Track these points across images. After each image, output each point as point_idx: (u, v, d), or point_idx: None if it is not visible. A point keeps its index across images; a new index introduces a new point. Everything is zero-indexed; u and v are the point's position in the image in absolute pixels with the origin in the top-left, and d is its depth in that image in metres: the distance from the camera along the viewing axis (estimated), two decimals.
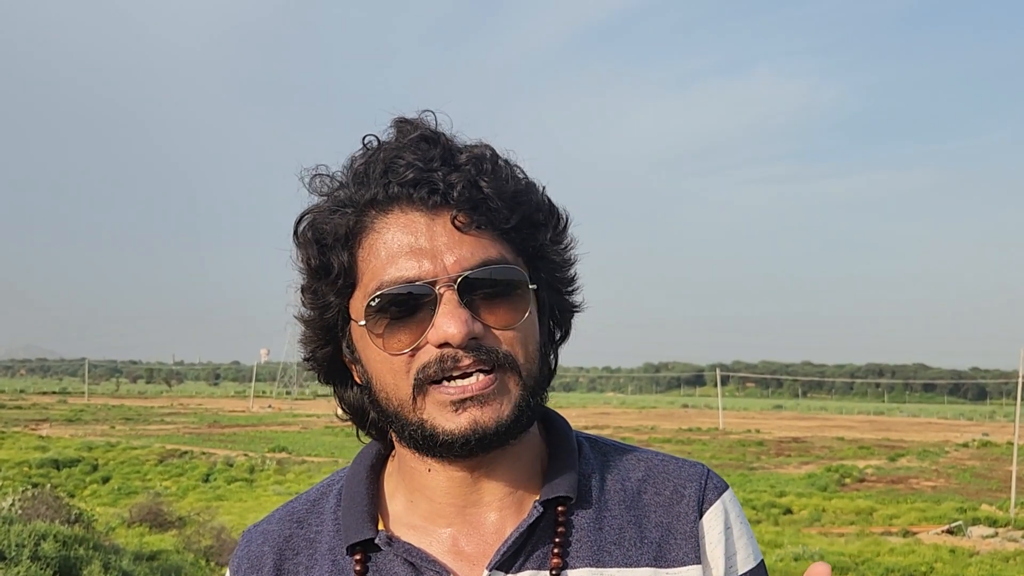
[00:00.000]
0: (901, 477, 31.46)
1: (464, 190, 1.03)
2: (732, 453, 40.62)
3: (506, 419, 1.03)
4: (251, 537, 1.19)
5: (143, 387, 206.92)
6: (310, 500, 1.20)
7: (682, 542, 1.11)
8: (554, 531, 1.09)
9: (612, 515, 1.11)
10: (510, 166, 1.09)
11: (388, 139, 1.08)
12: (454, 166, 1.04)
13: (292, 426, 56.29)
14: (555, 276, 1.13)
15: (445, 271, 1.02)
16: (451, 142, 1.07)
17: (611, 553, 1.09)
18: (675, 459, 1.19)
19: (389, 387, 1.06)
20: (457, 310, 1.01)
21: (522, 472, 1.12)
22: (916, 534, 19.04)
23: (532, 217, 1.08)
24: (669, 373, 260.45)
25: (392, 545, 1.08)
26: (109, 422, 55.98)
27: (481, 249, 1.03)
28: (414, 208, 1.04)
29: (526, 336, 1.06)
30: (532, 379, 1.07)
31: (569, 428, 1.19)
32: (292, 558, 1.15)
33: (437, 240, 1.03)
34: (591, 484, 1.13)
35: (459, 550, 1.09)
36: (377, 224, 1.05)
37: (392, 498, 1.16)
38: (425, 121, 1.09)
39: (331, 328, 1.11)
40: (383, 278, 1.03)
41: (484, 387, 1.02)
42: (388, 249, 1.04)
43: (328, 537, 1.14)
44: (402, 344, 1.03)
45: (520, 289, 1.05)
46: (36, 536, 8.51)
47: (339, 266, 1.06)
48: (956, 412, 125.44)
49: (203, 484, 26.71)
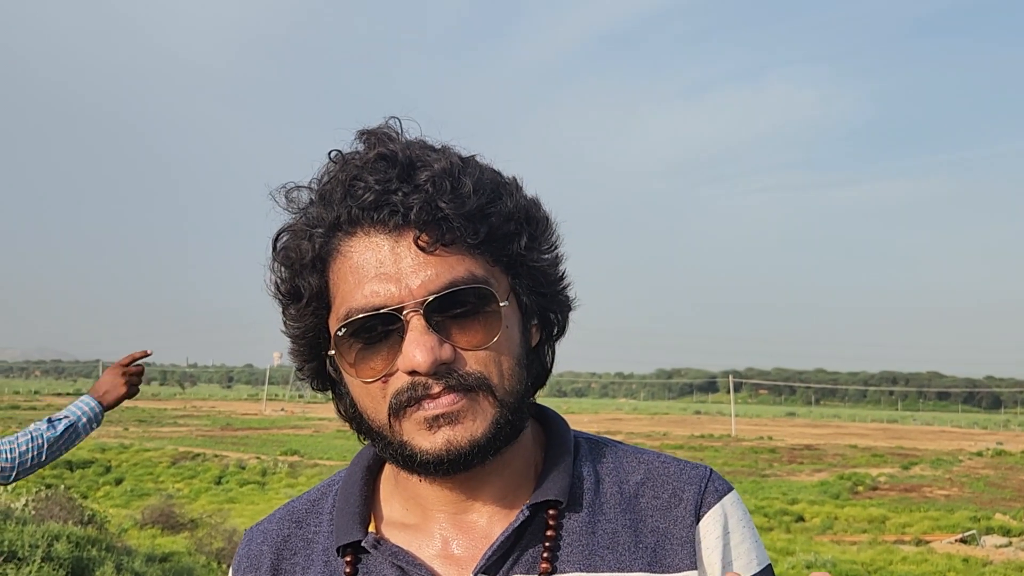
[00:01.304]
0: (914, 485, 31.29)
1: (422, 211, 0.99)
2: (744, 460, 40.49)
3: (480, 437, 1.01)
4: (252, 536, 1.20)
5: (156, 389, 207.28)
6: (310, 500, 1.20)
7: (678, 547, 1.09)
8: (544, 535, 1.07)
9: (606, 519, 1.09)
10: (479, 173, 1.04)
11: (352, 153, 1.05)
12: (414, 185, 1.00)
13: (304, 429, 56.36)
14: (537, 280, 1.09)
15: (411, 295, 0.99)
16: (413, 157, 1.03)
17: (603, 557, 1.06)
18: (678, 461, 1.16)
19: (369, 410, 1.05)
20: (423, 337, 0.99)
21: (514, 476, 1.10)
22: (929, 543, 18.94)
23: (502, 228, 1.04)
24: (682, 379, 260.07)
25: (380, 548, 1.08)
26: (122, 424, 56.16)
27: (447, 269, 1.00)
28: (376, 230, 1.01)
29: (500, 354, 1.03)
30: (510, 395, 1.04)
31: (567, 429, 1.17)
32: (289, 558, 1.15)
33: (402, 263, 1.00)
34: (585, 486, 1.11)
35: (449, 553, 1.08)
36: (343, 247, 1.03)
37: (387, 501, 1.15)
38: (388, 133, 1.06)
39: (314, 346, 1.10)
40: (351, 305, 1.01)
41: (451, 404, 1.00)
42: (355, 274, 1.02)
43: (324, 538, 1.14)
44: (374, 372, 1.02)
45: (491, 306, 1.02)
46: (49, 537, 8.53)
47: (308, 291, 1.05)
48: (970, 421, 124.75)
49: (215, 486, 26.79)
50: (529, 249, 1.06)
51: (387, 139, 1.05)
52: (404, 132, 1.07)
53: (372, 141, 1.05)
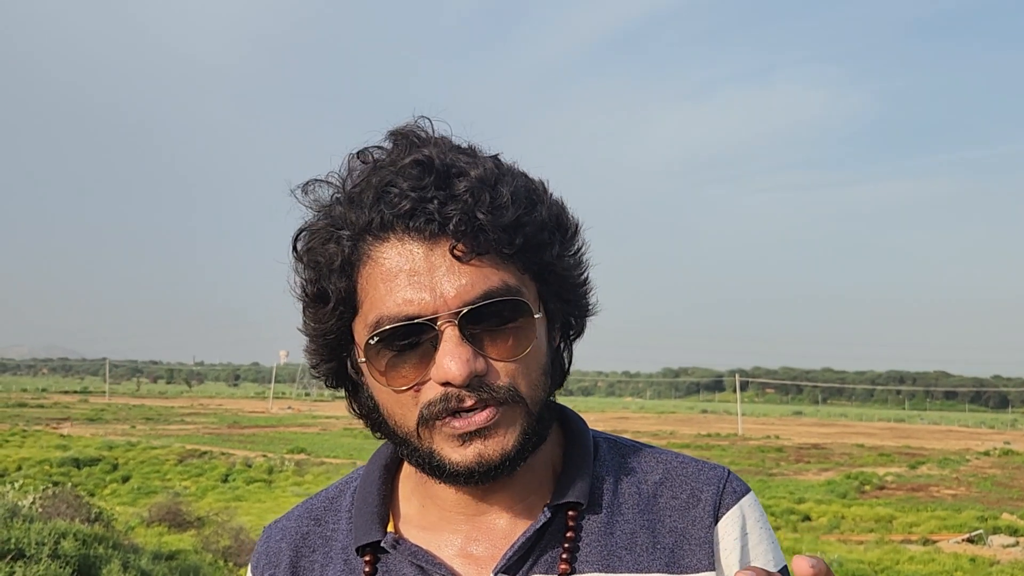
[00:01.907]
0: (921, 485, 31.19)
1: (461, 222, 0.98)
2: (751, 459, 40.42)
3: (511, 450, 1.01)
4: (270, 533, 1.20)
5: (163, 387, 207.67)
6: (328, 498, 1.20)
7: (696, 548, 1.09)
8: (563, 535, 1.07)
9: (625, 519, 1.10)
10: (514, 180, 1.03)
11: (382, 154, 1.04)
12: (450, 194, 0.99)
13: (311, 427, 56.38)
14: (565, 286, 1.09)
15: (446, 305, 0.98)
16: (448, 162, 1.01)
17: (622, 558, 1.07)
18: (696, 461, 1.16)
19: (397, 417, 1.04)
20: (458, 348, 0.98)
21: (534, 479, 1.11)
22: (936, 542, 18.88)
23: (535, 238, 1.03)
24: (688, 378, 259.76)
25: (399, 547, 1.08)
26: (130, 422, 56.21)
27: (482, 279, 0.99)
28: (411, 237, 0.99)
29: (530, 365, 1.03)
30: (537, 405, 1.04)
31: (586, 429, 1.17)
32: (308, 555, 1.15)
33: (436, 272, 0.99)
34: (604, 487, 1.12)
35: (468, 553, 1.08)
36: (374, 252, 1.01)
37: (407, 500, 1.15)
38: (420, 134, 1.04)
39: (334, 348, 1.08)
40: (383, 312, 1.00)
41: (488, 419, 1.00)
42: (386, 282, 1.00)
43: (343, 536, 1.14)
44: (405, 381, 1.01)
45: (524, 317, 1.02)
46: (56, 534, 8.55)
47: (336, 295, 1.03)
48: (977, 420, 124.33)
49: (222, 484, 26.78)
50: (560, 257, 1.06)
51: (419, 142, 1.03)
52: (435, 133, 1.05)
53: (404, 144, 1.03)
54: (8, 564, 7.67)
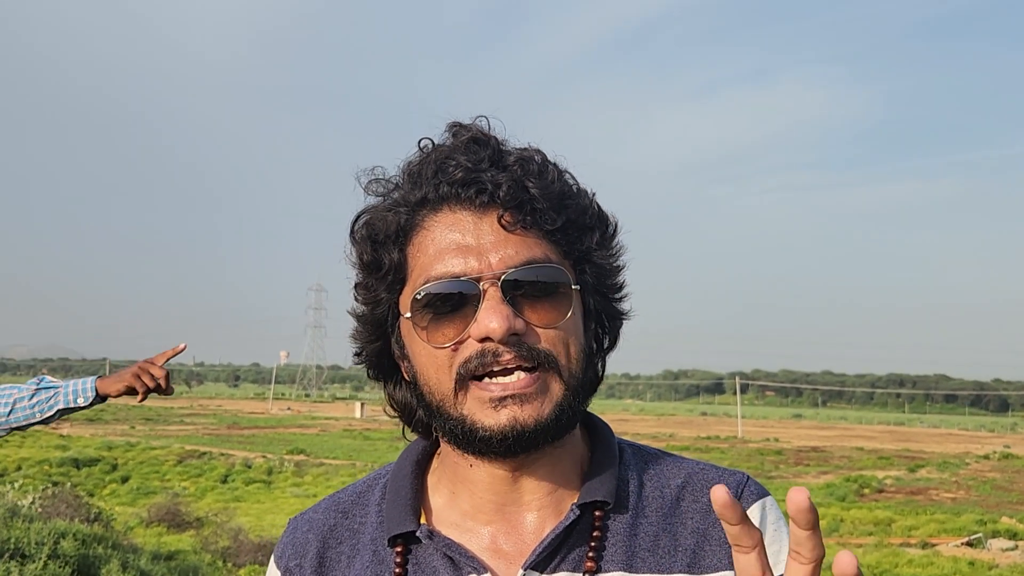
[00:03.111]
0: (921, 488, 31.23)
1: (510, 190, 1.05)
2: (751, 462, 40.45)
3: (546, 418, 1.04)
4: (297, 525, 1.22)
5: None
6: (356, 492, 1.23)
7: (716, 548, 1.11)
8: (590, 535, 1.10)
9: (648, 521, 1.13)
10: (559, 170, 1.11)
11: (442, 142, 1.11)
12: (502, 167, 1.07)
13: (311, 428, 56.45)
14: (601, 280, 1.13)
15: (490, 268, 1.04)
16: (501, 145, 1.10)
17: (644, 559, 1.10)
18: (716, 468, 1.19)
19: (432, 381, 1.08)
20: (499, 306, 1.02)
21: (563, 474, 1.13)
22: (935, 546, 18.90)
23: (578, 220, 1.10)
24: (688, 380, 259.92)
25: (433, 539, 1.11)
26: (129, 422, 56.26)
27: (526, 248, 1.05)
28: (463, 207, 1.07)
29: (568, 337, 1.07)
30: (575, 380, 1.08)
31: (611, 433, 1.21)
32: (335, 547, 1.18)
33: (483, 238, 1.05)
34: (629, 489, 1.15)
35: (498, 548, 1.11)
36: (427, 222, 1.08)
37: (435, 493, 1.18)
38: (478, 125, 1.11)
39: (381, 323, 1.13)
40: (430, 274, 1.05)
41: (526, 386, 1.03)
42: (436, 246, 1.06)
43: (371, 528, 1.17)
44: (446, 337, 1.05)
45: (563, 289, 1.07)
46: (55, 534, 8.56)
47: (390, 262, 1.09)
48: (977, 423, 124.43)
49: (221, 485, 26.83)
50: (599, 247, 1.12)
51: (477, 129, 1.11)
52: (491, 129, 1.12)
53: (462, 131, 1.11)
54: (7, 564, 7.68)
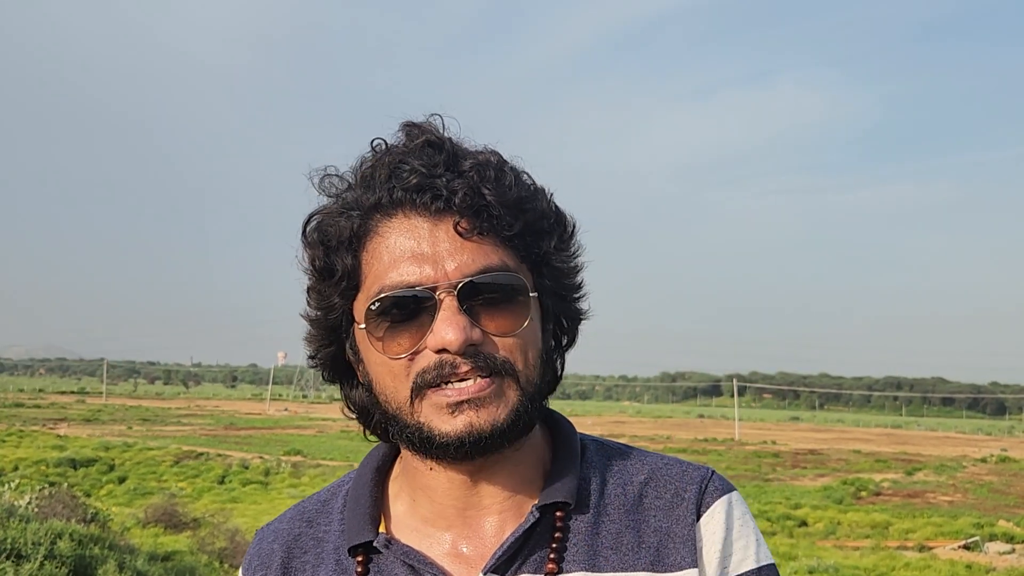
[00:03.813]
0: (918, 491, 31.21)
1: (466, 196, 1.03)
2: (748, 464, 40.42)
3: (502, 423, 1.03)
4: (263, 535, 1.22)
5: (160, 388, 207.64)
6: (320, 500, 1.23)
7: (680, 546, 1.11)
8: (551, 536, 1.09)
9: (611, 520, 1.12)
10: (516, 172, 1.09)
11: (396, 143, 1.09)
12: (458, 172, 1.05)
13: (308, 429, 56.36)
14: (560, 283, 1.12)
15: (446, 277, 1.02)
16: (456, 147, 1.07)
17: (607, 558, 1.09)
18: (680, 462, 1.18)
19: (388, 390, 1.07)
20: (456, 316, 1.01)
21: (523, 476, 1.13)
22: (932, 549, 18.89)
23: (536, 224, 1.08)
24: (686, 383, 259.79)
25: (391, 547, 1.10)
26: (126, 422, 56.18)
27: (483, 255, 1.04)
28: (417, 213, 1.04)
29: (526, 343, 1.06)
30: (531, 385, 1.07)
31: (573, 431, 1.20)
32: (300, 556, 1.17)
33: (439, 245, 1.03)
34: (591, 488, 1.14)
35: (458, 553, 1.10)
36: (381, 228, 1.06)
37: (396, 500, 1.17)
38: (433, 126, 1.09)
39: (335, 328, 1.12)
40: (384, 282, 1.04)
41: (481, 390, 1.02)
42: (391, 253, 1.04)
43: (335, 537, 1.16)
44: (401, 348, 1.04)
45: (521, 296, 1.06)
46: (52, 535, 8.54)
47: (343, 268, 1.07)
48: (974, 427, 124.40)
49: (218, 486, 26.78)
50: (557, 250, 1.11)
51: (432, 131, 1.08)
52: (446, 129, 1.10)
53: (417, 132, 1.08)
54: (4, 564, 7.66)
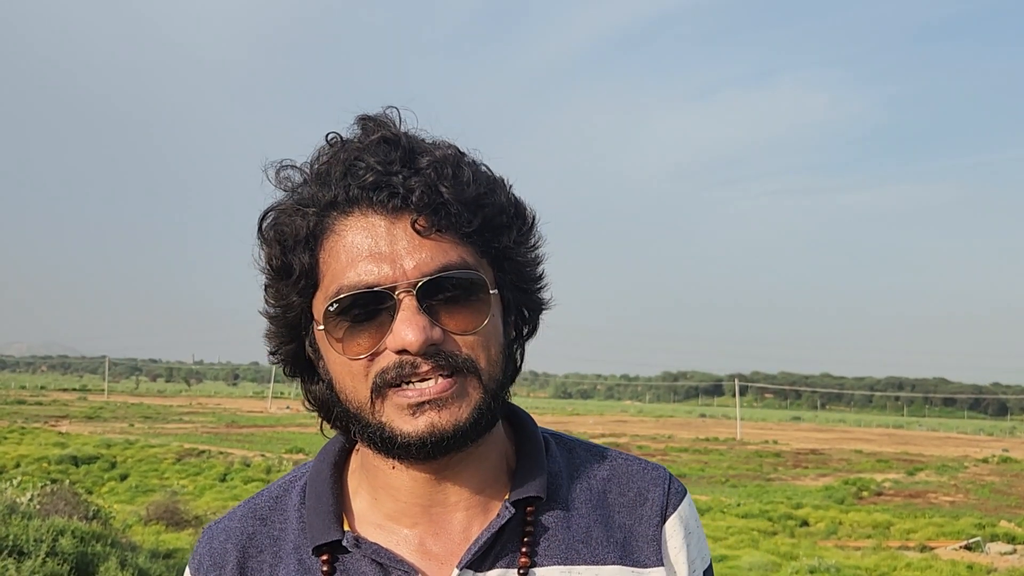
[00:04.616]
0: (919, 491, 31.20)
1: (423, 195, 1.01)
2: (749, 464, 40.40)
3: (464, 422, 1.03)
4: (213, 534, 1.18)
5: (162, 386, 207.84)
6: (272, 497, 1.20)
7: (644, 545, 1.14)
8: (523, 530, 1.10)
9: (580, 514, 1.14)
10: (474, 166, 1.08)
11: (352, 136, 1.07)
12: (414, 169, 1.03)
13: (310, 427, 56.30)
14: (521, 275, 1.12)
15: (405, 276, 1.01)
16: (413, 143, 1.06)
17: (579, 551, 1.11)
18: (637, 460, 1.21)
19: (348, 390, 1.06)
20: (415, 316, 1.00)
21: (488, 472, 1.13)
22: (933, 549, 18.89)
23: (495, 220, 1.07)
24: (687, 382, 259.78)
25: (360, 547, 1.09)
26: (128, 420, 56.21)
27: (441, 253, 1.02)
28: (374, 211, 1.03)
29: (487, 340, 1.05)
30: (493, 382, 1.06)
31: (535, 425, 1.20)
32: (256, 556, 1.14)
33: (397, 244, 1.02)
34: (559, 483, 1.15)
35: (426, 550, 1.09)
36: (338, 226, 1.04)
37: (356, 495, 1.16)
38: (389, 119, 1.08)
39: (294, 326, 1.10)
40: (342, 282, 1.02)
41: (442, 391, 1.02)
42: (348, 253, 1.03)
43: (293, 536, 1.14)
44: (361, 349, 1.03)
45: (481, 293, 1.05)
46: (54, 532, 8.55)
47: (300, 267, 1.06)
48: (976, 427, 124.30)
49: (220, 484, 26.77)
50: (517, 244, 1.10)
51: (387, 125, 1.07)
52: (402, 122, 1.09)
53: (372, 126, 1.07)
54: (5, 561, 7.67)
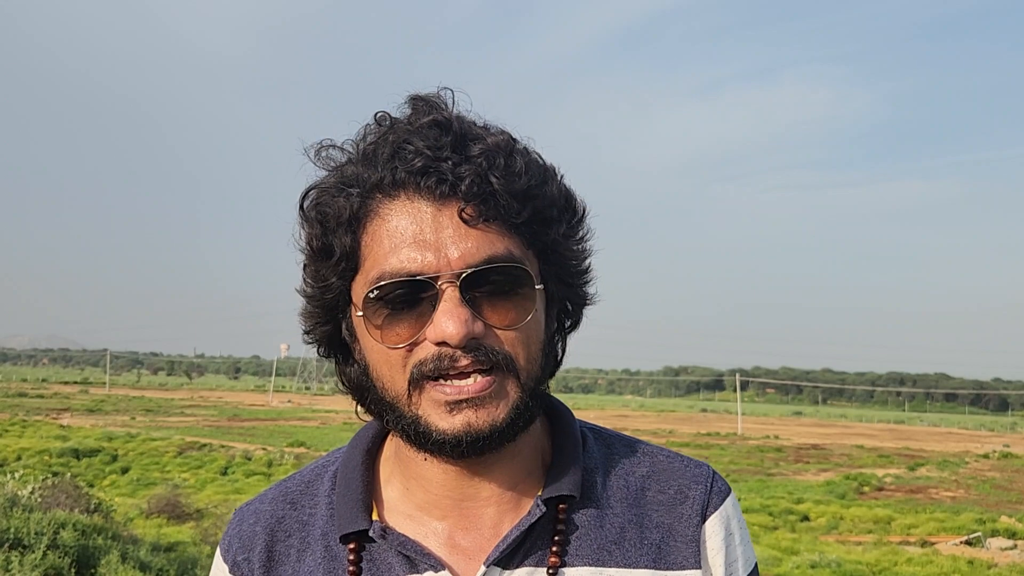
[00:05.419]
0: (920, 487, 31.21)
1: (473, 183, 0.98)
2: (750, 459, 40.42)
3: (501, 422, 1.00)
4: (243, 516, 1.17)
5: (164, 379, 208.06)
6: (304, 481, 1.18)
7: (683, 545, 1.09)
8: (554, 529, 1.07)
9: (614, 513, 1.10)
10: (527, 154, 1.04)
11: (401, 116, 1.04)
12: (465, 156, 0.99)
13: (311, 421, 56.44)
14: (567, 269, 1.08)
15: (448, 266, 0.98)
16: (465, 128, 1.02)
17: (611, 552, 1.07)
18: (681, 457, 1.17)
19: (385, 379, 1.03)
20: (457, 308, 0.97)
21: (522, 467, 1.10)
22: (934, 544, 18.88)
23: (544, 212, 1.03)
24: (689, 377, 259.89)
25: (387, 537, 1.06)
26: (129, 413, 56.27)
27: (488, 244, 0.99)
28: (421, 196, 0.99)
29: (528, 336, 1.02)
30: (532, 381, 1.03)
31: (573, 419, 1.17)
32: (284, 540, 1.13)
33: (442, 232, 0.98)
34: (595, 480, 1.11)
35: (455, 544, 1.07)
36: (382, 209, 1.01)
37: (387, 484, 1.13)
38: (441, 101, 1.04)
39: (332, 308, 1.07)
40: (384, 268, 0.99)
41: (481, 390, 0.99)
42: (392, 238, 0.99)
43: (322, 522, 1.12)
44: (400, 338, 1.00)
45: (526, 288, 1.01)
46: (55, 525, 8.55)
47: (341, 249, 1.02)
48: (977, 423, 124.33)
49: (221, 477, 26.81)
50: (565, 237, 1.06)
51: (439, 107, 1.04)
52: (455, 104, 1.05)
53: (424, 107, 1.03)
54: (7, 553, 7.67)
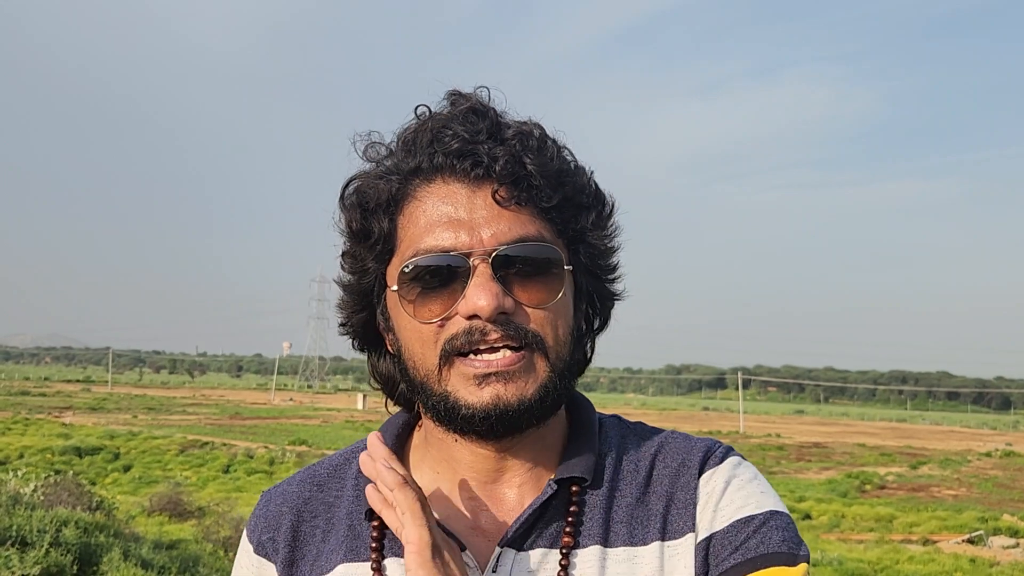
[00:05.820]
0: (922, 485, 31.21)
1: (507, 165, 1.03)
2: (752, 457, 40.37)
3: (529, 398, 1.03)
4: (270, 498, 1.21)
5: (166, 377, 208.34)
6: (332, 465, 1.21)
7: (681, 510, 1.10)
8: (567, 510, 1.09)
9: (623, 495, 1.12)
10: (558, 146, 1.09)
11: (440, 110, 1.09)
12: (500, 140, 1.05)
13: (313, 419, 56.47)
14: (595, 261, 1.12)
15: (481, 244, 1.02)
16: (500, 117, 1.08)
17: (619, 533, 1.09)
18: (691, 437, 1.17)
19: (417, 356, 1.06)
20: (489, 283, 1.01)
21: (544, 452, 1.12)
22: (936, 543, 18.89)
23: (575, 198, 1.08)
24: (691, 375, 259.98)
25: None
26: (132, 411, 56.35)
27: (519, 225, 1.03)
28: (457, 179, 1.04)
29: (557, 317, 1.05)
30: (561, 362, 1.06)
31: (592, 408, 1.20)
32: (309, 520, 1.16)
33: (476, 213, 1.03)
34: (606, 464, 1.14)
35: (478, 525, 1.10)
36: (419, 192, 1.06)
37: (417, 469, 1.16)
38: (478, 95, 1.09)
39: (367, 293, 1.12)
40: (419, 246, 1.04)
41: (510, 364, 1.02)
42: (427, 218, 1.04)
43: (347, 502, 1.15)
44: (432, 313, 1.04)
45: (555, 269, 1.05)
46: (57, 522, 8.57)
47: (379, 231, 1.07)
48: (979, 421, 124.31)
49: (223, 475, 26.86)
50: (594, 227, 1.10)
51: (477, 98, 1.09)
52: (491, 100, 1.10)
53: (461, 100, 1.08)
54: (9, 551, 7.68)
